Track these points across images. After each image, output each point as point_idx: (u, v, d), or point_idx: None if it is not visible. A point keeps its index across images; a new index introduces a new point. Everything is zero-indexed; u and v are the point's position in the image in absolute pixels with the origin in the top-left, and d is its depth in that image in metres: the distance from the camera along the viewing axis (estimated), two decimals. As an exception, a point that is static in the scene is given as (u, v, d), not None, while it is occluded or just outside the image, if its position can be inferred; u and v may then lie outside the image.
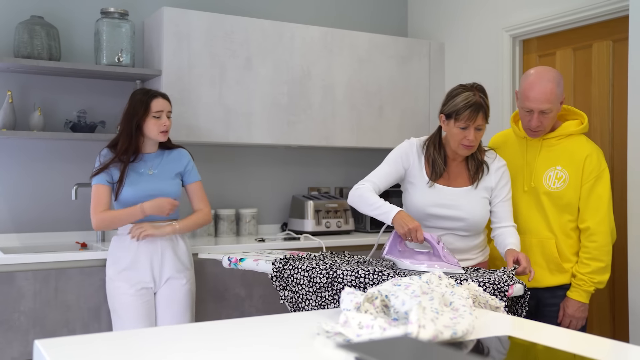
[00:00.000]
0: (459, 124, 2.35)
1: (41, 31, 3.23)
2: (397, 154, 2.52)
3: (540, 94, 2.46)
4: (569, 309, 2.53)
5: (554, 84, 2.48)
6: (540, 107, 2.46)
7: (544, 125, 2.52)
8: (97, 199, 2.77)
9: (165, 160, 2.88)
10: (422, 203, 2.45)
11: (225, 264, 2.66)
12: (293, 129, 3.77)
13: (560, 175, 2.54)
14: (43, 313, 2.90)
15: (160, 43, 3.43)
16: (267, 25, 3.69)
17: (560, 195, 2.53)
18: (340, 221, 3.88)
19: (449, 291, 1.65)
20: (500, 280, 2.06)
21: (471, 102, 2.33)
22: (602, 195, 2.51)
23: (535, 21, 3.58)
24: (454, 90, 2.41)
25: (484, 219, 2.46)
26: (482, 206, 2.45)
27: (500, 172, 2.49)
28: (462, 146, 2.39)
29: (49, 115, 3.44)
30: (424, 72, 4.18)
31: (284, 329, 1.55)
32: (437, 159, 2.46)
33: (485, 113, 2.35)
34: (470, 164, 2.47)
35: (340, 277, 2.21)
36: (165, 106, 2.84)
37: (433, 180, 2.45)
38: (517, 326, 1.65)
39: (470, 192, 2.45)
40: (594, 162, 2.52)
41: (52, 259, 2.93)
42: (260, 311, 3.34)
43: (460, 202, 2.43)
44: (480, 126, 2.36)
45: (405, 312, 1.47)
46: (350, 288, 1.64)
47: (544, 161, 2.58)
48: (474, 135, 2.35)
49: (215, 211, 3.76)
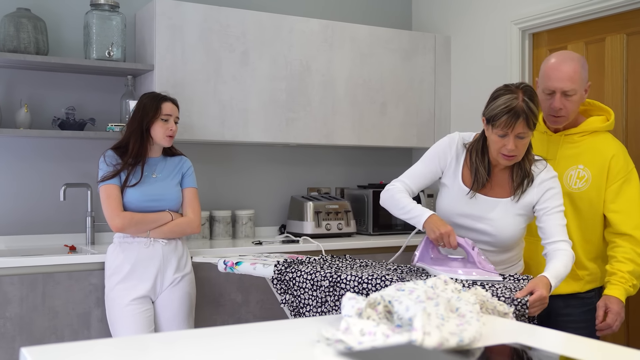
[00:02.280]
0: (497, 131, 2.20)
1: (28, 24, 3.23)
2: (434, 152, 2.41)
3: (564, 73, 2.40)
4: (615, 305, 2.37)
5: (578, 64, 2.42)
6: (563, 86, 2.39)
7: (568, 109, 2.43)
8: (114, 199, 2.80)
9: (168, 166, 2.95)
10: (451, 210, 2.36)
11: (221, 268, 2.66)
12: (292, 127, 3.76)
13: (582, 175, 2.47)
14: (30, 319, 2.89)
15: (153, 36, 3.43)
16: (265, 18, 3.69)
17: (581, 196, 2.46)
18: (341, 223, 3.87)
19: (455, 296, 1.64)
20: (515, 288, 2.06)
21: (510, 107, 2.16)
22: (633, 198, 2.44)
23: (546, 13, 3.58)
24: (497, 90, 2.26)
25: (514, 237, 2.33)
26: (515, 224, 2.31)
27: (544, 187, 2.29)
28: (502, 156, 2.24)
29: (36, 112, 3.44)
30: (429, 67, 4.18)
31: (282, 336, 1.55)
32: (479, 167, 2.31)
33: (527, 120, 2.16)
34: (515, 174, 2.31)
35: (343, 282, 2.21)
36: (174, 111, 2.92)
37: (475, 190, 2.32)
38: (527, 333, 1.64)
39: (507, 206, 2.31)
40: (621, 162, 2.45)
41: (40, 262, 2.92)
42: (258, 317, 3.34)
43: (493, 216, 2.31)
44: (522, 134, 2.19)
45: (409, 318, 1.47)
46: (351, 293, 1.64)
47: (565, 159, 2.51)
48: (515, 144, 2.19)
49: (210, 213, 3.76)
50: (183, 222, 2.91)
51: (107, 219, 2.80)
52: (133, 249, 2.82)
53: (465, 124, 4.05)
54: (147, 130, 2.86)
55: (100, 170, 2.84)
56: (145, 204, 2.83)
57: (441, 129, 4.19)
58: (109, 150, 2.88)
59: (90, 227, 3.46)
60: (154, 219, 2.83)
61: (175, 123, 2.92)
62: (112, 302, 2.82)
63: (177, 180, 2.95)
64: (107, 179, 2.80)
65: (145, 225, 2.82)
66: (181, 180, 2.97)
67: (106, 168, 2.82)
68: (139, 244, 2.83)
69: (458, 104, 4.18)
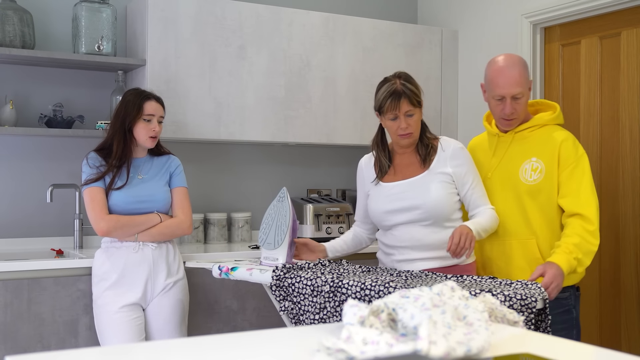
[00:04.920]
0: (389, 116, 2.56)
1: (13, 16, 3.23)
2: (357, 181, 2.81)
3: (511, 78, 2.58)
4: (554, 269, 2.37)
5: (521, 66, 2.62)
6: (511, 91, 2.57)
7: (518, 111, 2.62)
8: (98, 202, 2.80)
9: (155, 166, 2.95)
10: (376, 203, 2.64)
11: (216, 274, 2.66)
12: (291, 125, 3.76)
13: (536, 167, 2.61)
14: (15, 327, 2.89)
15: (145, 30, 3.43)
16: (263, 10, 3.69)
17: (539, 187, 2.59)
18: (342, 227, 3.87)
19: (463, 304, 1.64)
20: (527, 295, 2.06)
21: (390, 91, 2.54)
22: (582, 181, 2.55)
23: (558, 6, 3.58)
24: (379, 84, 2.63)
25: (440, 201, 2.55)
26: (437, 189, 2.56)
27: (455, 155, 2.60)
28: (400, 137, 2.58)
29: (21, 109, 3.44)
30: (435, 63, 4.18)
31: (280, 345, 1.55)
32: (380, 157, 2.68)
33: (409, 98, 2.53)
34: (420, 150, 2.63)
35: (344, 287, 2.21)
36: (158, 110, 2.91)
37: (379, 178, 2.65)
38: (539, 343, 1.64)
39: (424, 178, 2.59)
40: (570, 148, 2.58)
41: (25, 267, 2.92)
42: (254, 325, 3.34)
43: (412, 190, 2.57)
44: (410, 112, 2.54)
45: (414, 326, 1.47)
46: (353, 300, 1.64)
47: (518, 155, 2.66)
48: (407, 123, 2.54)
49: (205, 215, 3.76)
50: (173, 223, 2.90)
51: (92, 222, 2.80)
52: (121, 254, 2.82)
53: (473, 122, 4.04)
54: (129, 130, 2.86)
55: (83, 173, 2.84)
56: (131, 206, 2.83)
57: (448, 128, 4.19)
58: (92, 152, 2.89)
59: (78, 230, 3.46)
60: (141, 221, 2.82)
61: (160, 122, 2.92)
62: (101, 309, 2.82)
63: (164, 180, 2.95)
64: (91, 182, 2.80)
65: (132, 229, 2.81)
66: (169, 180, 2.97)
67: (89, 171, 2.83)
68: (127, 249, 2.82)
69: (466, 101, 4.18)
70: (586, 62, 3.53)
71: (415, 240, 2.56)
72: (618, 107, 3.38)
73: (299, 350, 1.47)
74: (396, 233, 2.61)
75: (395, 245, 2.61)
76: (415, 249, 2.57)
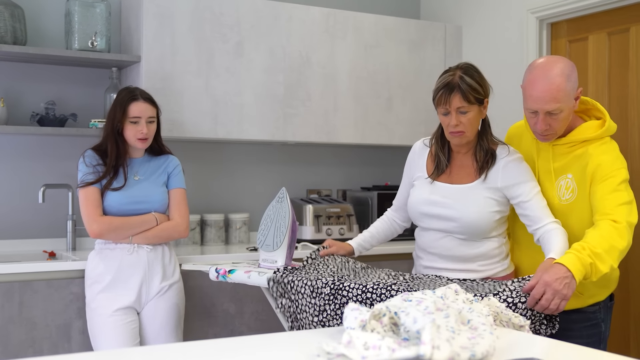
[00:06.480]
0: (441, 110, 2.41)
1: (4, 11, 3.23)
2: (405, 165, 2.67)
3: (545, 92, 2.29)
4: (548, 273, 2.10)
5: (562, 78, 2.30)
6: (545, 107, 2.30)
7: (554, 128, 2.36)
8: (92, 202, 2.80)
9: (152, 166, 2.95)
10: (417, 201, 2.54)
11: (213, 276, 2.65)
12: (290, 124, 3.76)
13: (569, 185, 2.43)
14: (6, 331, 2.89)
15: (140, 25, 3.43)
16: (261, 5, 3.69)
17: (570, 208, 2.41)
18: (343, 228, 3.87)
19: (467, 307, 1.64)
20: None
21: (445, 83, 2.38)
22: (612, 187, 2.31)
23: (565, 1, 3.58)
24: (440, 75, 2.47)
25: (480, 220, 2.42)
26: (480, 206, 2.42)
27: (509, 169, 2.42)
28: (450, 134, 2.43)
29: (13, 106, 3.44)
30: (438, 59, 4.18)
31: (279, 349, 1.54)
32: (439, 153, 2.52)
33: (463, 93, 2.34)
34: (477, 155, 2.47)
35: (345, 290, 2.21)
36: (145, 112, 2.86)
37: (433, 178, 2.52)
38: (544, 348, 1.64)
39: (473, 189, 2.46)
40: (606, 170, 2.35)
41: (16, 270, 2.92)
42: (253, 330, 3.34)
43: (456, 200, 2.45)
44: (463, 108, 2.36)
45: (417, 331, 1.47)
46: (354, 304, 1.64)
47: (556, 168, 2.47)
48: (457, 120, 2.37)
49: (202, 216, 3.76)
50: (169, 226, 2.90)
51: (85, 224, 2.80)
52: (115, 256, 2.82)
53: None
54: (119, 132, 2.85)
55: (79, 172, 2.84)
56: (127, 207, 2.83)
57: (452, 127, 4.18)
58: (89, 150, 2.88)
59: (71, 232, 3.45)
60: (136, 223, 2.82)
61: (151, 123, 2.89)
62: (94, 312, 2.81)
63: (162, 180, 2.94)
64: (87, 183, 2.79)
65: (127, 231, 2.81)
66: (167, 181, 2.97)
67: (86, 169, 2.82)
68: (121, 251, 2.82)
69: (470, 99, 4.17)
70: (594, 59, 3.53)
71: (445, 249, 2.48)
72: (627, 105, 3.38)
73: (299, 355, 1.47)
74: (429, 237, 2.53)
75: (425, 249, 2.56)
76: (443, 257, 2.50)
